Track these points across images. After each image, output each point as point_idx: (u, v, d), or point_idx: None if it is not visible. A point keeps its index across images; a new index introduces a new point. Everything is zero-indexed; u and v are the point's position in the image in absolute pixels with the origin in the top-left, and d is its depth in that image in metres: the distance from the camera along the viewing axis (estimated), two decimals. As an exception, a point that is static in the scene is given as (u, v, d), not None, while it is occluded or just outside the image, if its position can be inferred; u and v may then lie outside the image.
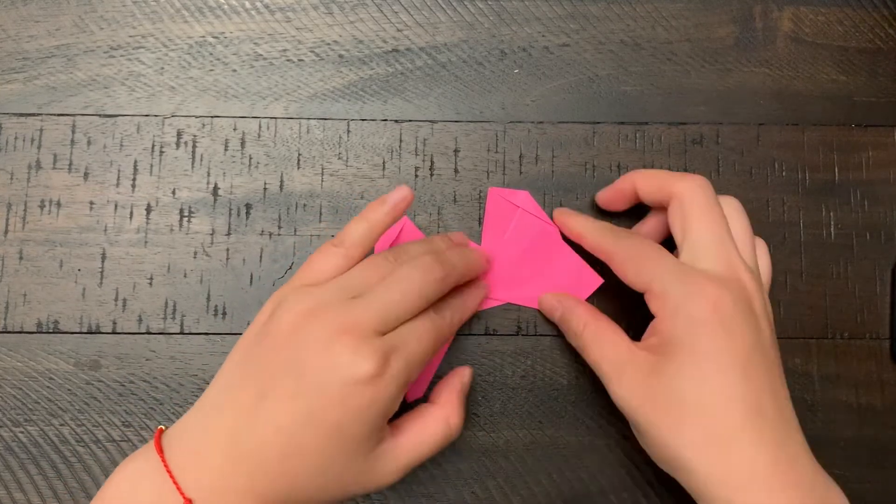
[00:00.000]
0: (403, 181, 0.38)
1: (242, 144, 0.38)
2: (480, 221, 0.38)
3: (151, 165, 0.38)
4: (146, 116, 0.38)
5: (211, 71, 0.38)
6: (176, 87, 0.38)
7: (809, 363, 0.37)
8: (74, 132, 0.38)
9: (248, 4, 0.39)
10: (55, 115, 0.38)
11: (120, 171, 0.38)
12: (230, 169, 0.38)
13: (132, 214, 0.37)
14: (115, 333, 0.37)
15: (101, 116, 0.38)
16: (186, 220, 0.37)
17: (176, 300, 0.37)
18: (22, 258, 0.37)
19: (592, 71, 0.39)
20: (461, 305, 0.34)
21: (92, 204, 0.37)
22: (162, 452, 0.28)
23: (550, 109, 0.39)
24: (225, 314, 0.37)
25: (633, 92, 0.39)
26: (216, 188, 0.38)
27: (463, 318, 0.34)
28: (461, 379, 0.34)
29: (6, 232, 0.37)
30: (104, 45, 0.39)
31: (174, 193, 0.38)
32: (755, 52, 0.39)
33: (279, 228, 0.37)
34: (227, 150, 0.38)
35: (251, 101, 0.38)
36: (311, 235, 0.37)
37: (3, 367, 0.36)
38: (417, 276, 0.30)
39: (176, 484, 0.27)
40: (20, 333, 0.36)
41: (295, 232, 0.37)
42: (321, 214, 0.38)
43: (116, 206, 0.37)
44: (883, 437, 0.37)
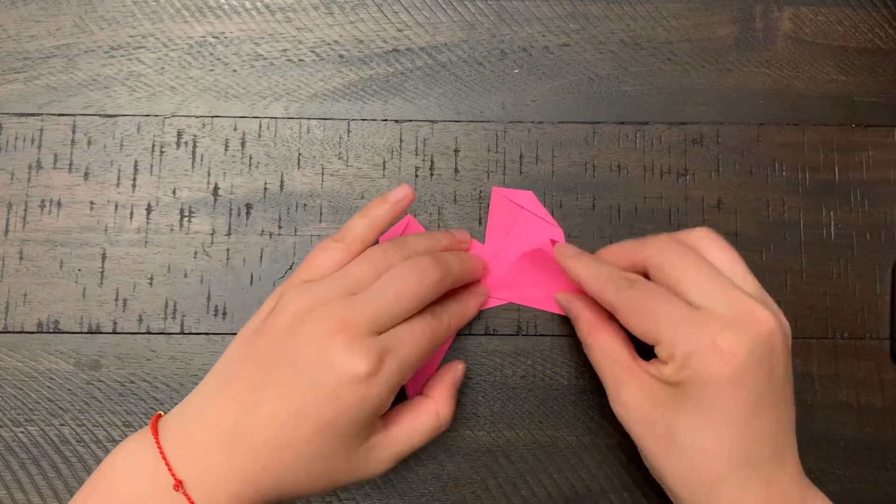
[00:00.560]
0: (404, 181, 0.38)
1: (243, 144, 0.38)
2: (481, 221, 0.38)
3: (152, 165, 0.38)
4: (146, 116, 0.38)
5: (211, 71, 0.38)
6: (176, 87, 0.38)
7: (809, 363, 0.37)
8: (75, 132, 0.38)
9: (248, 4, 0.39)
10: (55, 115, 0.38)
11: (120, 170, 0.38)
12: (230, 169, 0.38)
13: (132, 214, 0.37)
14: (115, 333, 0.37)
15: (101, 116, 0.38)
16: (187, 219, 0.37)
17: (176, 300, 0.37)
18: (22, 258, 0.37)
19: (592, 71, 0.39)
20: (460, 311, 0.34)
21: (92, 204, 0.37)
22: (157, 435, 0.29)
23: (550, 109, 0.39)
24: (225, 314, 0.37)
25: (633, 92, 0.39)
26: (216, 188, 0.38)
27: (461, 323, 0.34)
28: (454, 373, 0.34)
29: (7, 232, 0.37)
30: (104, 45, 0.39)
31: (174, 193, 0.38)
32: (755, 52, 0.39)
33: (279, 228, 0.37)
34: (227, 150, 0.38)
35: (251, 101, 0.38)
36: (311, 235, 0.37)
37: (3, 367, 0.36)
38: (413, 276, 0.30)
39: (168, 465, 0.28)
40: (21, 333, 0.36)
41: (295, 232, 0.37)
42: (321, 214, 0.38)
43: (117, 206, 0.37)
44: (883, 437, 0.37)
